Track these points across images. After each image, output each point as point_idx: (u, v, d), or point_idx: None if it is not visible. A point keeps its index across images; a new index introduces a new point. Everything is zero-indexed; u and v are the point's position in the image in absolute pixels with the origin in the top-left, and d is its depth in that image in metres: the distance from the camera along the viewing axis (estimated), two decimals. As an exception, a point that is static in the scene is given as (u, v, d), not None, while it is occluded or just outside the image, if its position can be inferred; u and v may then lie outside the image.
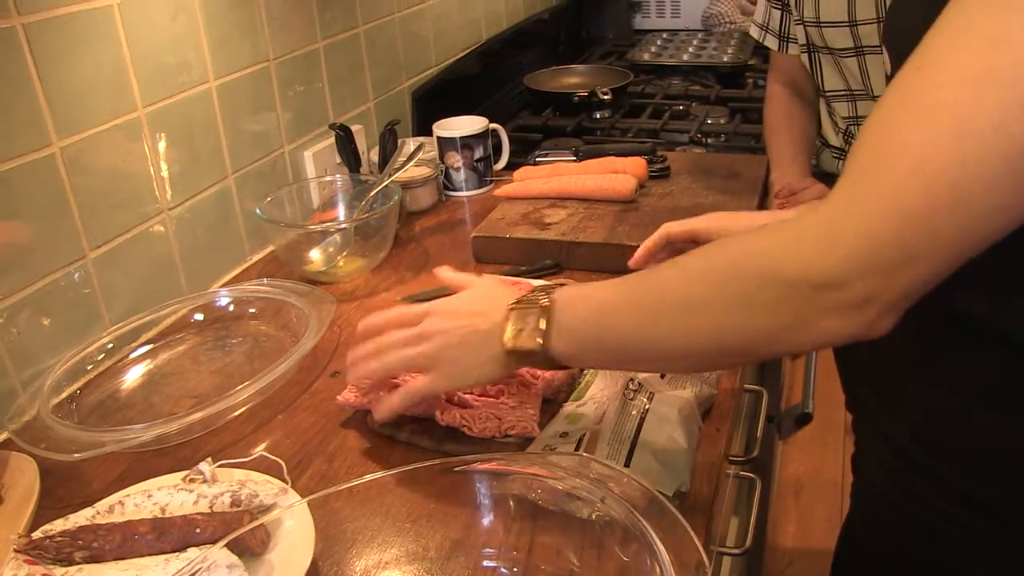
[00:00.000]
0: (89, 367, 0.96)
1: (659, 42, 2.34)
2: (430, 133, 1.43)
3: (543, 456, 0.72)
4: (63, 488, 0.80)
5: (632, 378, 0.81)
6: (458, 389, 0.79)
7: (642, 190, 1.28)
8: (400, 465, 0.67)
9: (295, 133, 1.32)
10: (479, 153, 1.41)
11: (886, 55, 0.67)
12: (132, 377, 0.98)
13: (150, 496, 0.72)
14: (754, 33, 1.46)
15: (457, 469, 0.67)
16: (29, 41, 0.87)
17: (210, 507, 0.70)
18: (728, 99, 1.86)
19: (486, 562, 0.66)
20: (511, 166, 1.48)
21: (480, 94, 1.81)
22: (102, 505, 0.71)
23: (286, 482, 0.76)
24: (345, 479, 0.75)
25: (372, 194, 1.20)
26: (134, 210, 1.04)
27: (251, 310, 1.06)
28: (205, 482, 0.74)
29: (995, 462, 0.63)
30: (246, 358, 0.99)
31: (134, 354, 1.00)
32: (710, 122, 1.72)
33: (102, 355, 0.97)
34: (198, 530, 0.67)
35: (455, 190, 1.44)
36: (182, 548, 0.66)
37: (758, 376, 1.54)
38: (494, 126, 1.45)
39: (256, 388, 0.84)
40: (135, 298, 1.04)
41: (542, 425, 0.79)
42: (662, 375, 0.84)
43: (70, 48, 0.92)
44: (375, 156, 1.35)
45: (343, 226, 1.18)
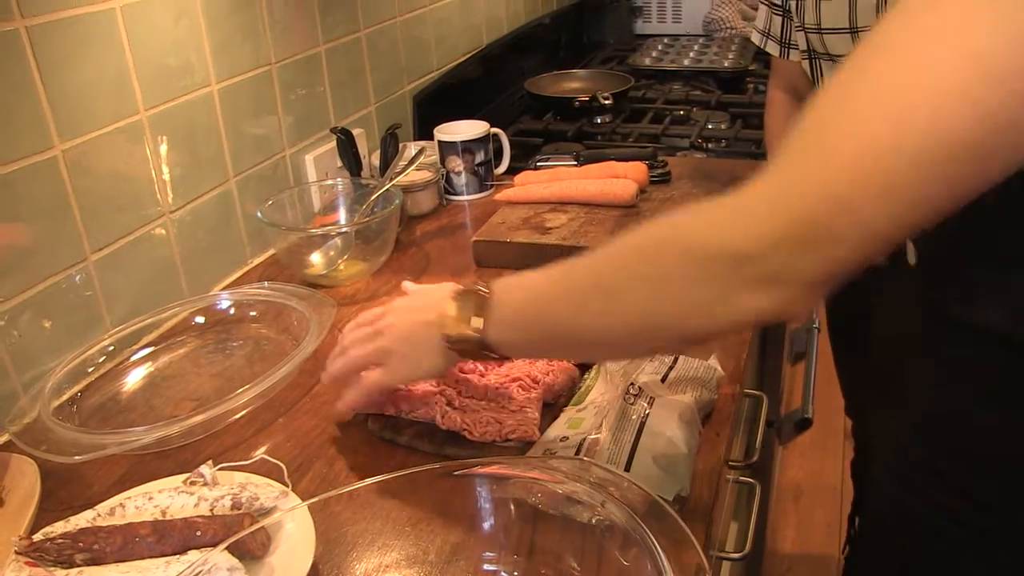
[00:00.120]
0: (90, 369, 0.96)
1: (660, 47, 2.34)
2: (431, 137, 1.43)
3: (543, 460, 0.72)
4: (64, 490, 0.80)
5: (632, 382, 0.81)
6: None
7: (643, 195, 1.28)
8: (401, 469, 0.67)
9: (296, 137, 1.33)
10: (480, 157, 1.42)
11: None
12: (133, 380, 0.98)
13: (151, 499, 0.72)
14: (755, 39, 1.46)
15: (458, 473, 0.67)
16: (32, 44, 0.87)
17: (211, 510, 0.70)
18: (729, 104, 1.87)
19: (486, 566, 0.66)
20: (512, 170, 1.48)
21: (481, 98, 1.82)
22: (103, 507, 0.72)
23: (287, 485, 0.76)
24: (346, 482, 0.76)
25: (373, 198, 1.20)
26: (135, 213, 1.04)
27: (252, 313, 1.06)
28: (206, 485, 0.74)
29: (995, 461, 0.63)
30: (247, 361, 0.99)
31: (135, 357, 1.00)
32: (711, 127, 1.72)
33: (103, 357, 0.97)
34: (199, 533, 0.67)
35: (456, 194, 1.44)
36: (183, 550, 0.66)
37: (758, 381, 1.54)
38: (495, 130, 1.45)
39: (257, 391, 0.84)
40: (136, 301, 1.04)
41: (543, 429, 0.79)
42: (663, 379, 0.84)
43: (73, 51, 0.92)
44: (376, 160, 1.35)
45: (344, 230, 1.19)
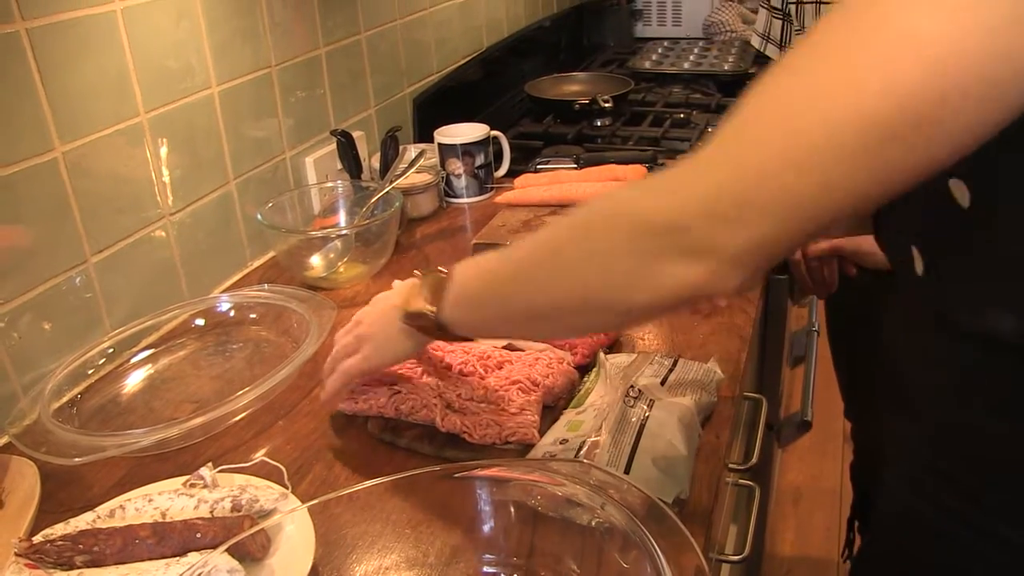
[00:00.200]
0: (90, 371, 0.96)
1: (660, 50, 2.34)
2: (431, 140, 1.43)
3: (543, 463, 0.72)
4: (64, 492, 0.80)
5: (632, 385, 0.81)
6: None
7: (642, 198, 1.28)
8: (401, 471, 0.67)
9: (296, 139, 1.33)
10: (480, 160, 1.42)
11: None
12: (133, 382, 0.98)
13: (151, 501, 0.72)
14: (755, 42, 1.47)
15: (457, 475, 0.67)
16: (32, 46, 0.88)
17: (211, 512, 0.70)
18: (729, 107, 1.86)
19: (486, 568, 0.66)
20: (512, 173, 1.48)
21: (481, 101, 1.82)
22: (103, 509, 0.72)
23: (286, 487, 0.76)
24: (345, 485, 0.76)
25: (373, 200, 1.20)
26: (136, 215, 1.04)
27: (252, 315, 1.06)
28: (206, 487, 0.74)
29: (1008, 470, 0.62)
30: (247, 363, 0.99)
31: (135, 359, 1.01)
32: (711, 130, 1.72)
33: (103, 360, 0.97)
34: (199, 535, 0.67)
35: (456, 197, 1.44)
36: (183, 552, 0.66)
37: (758, 384, 1.54)
38: (495, 133, 1.45)
39: (257, 393, 0.84)
40: (136, 303, 1.04)
41: (542, 432, 0.80)
42: (662, 382, 0.84)
43: (73, 53, 0.92)
44: (376, 162, 1.35)
45: (344, 232, 1.19)
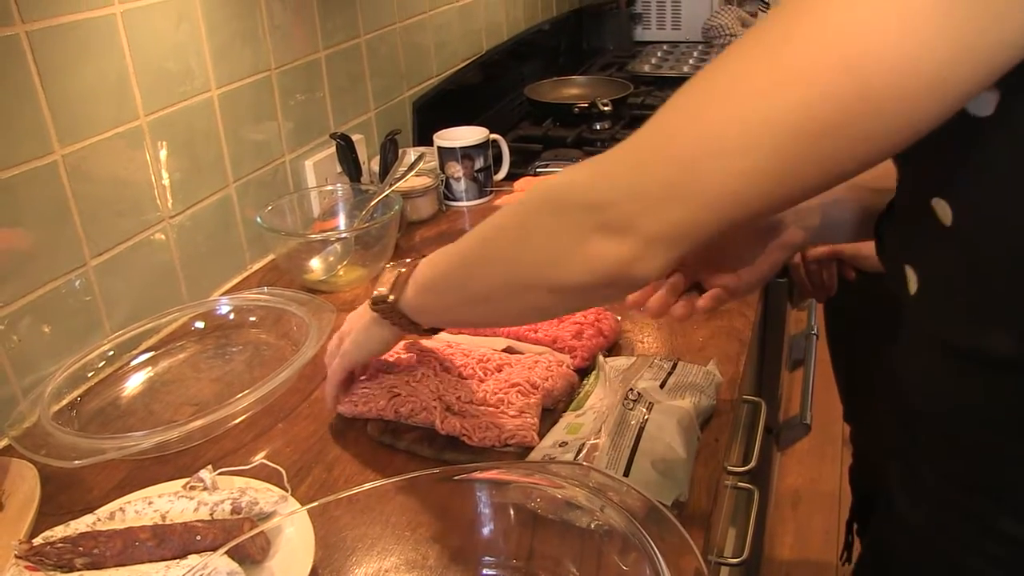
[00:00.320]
0: (90, 374, 0.96)
1: (659, 54, 2.35)
2: (431, 143, 1.44)
3: (543, 465, 0.72)
4: (64, 495, 0.80)
5: (631, 388, 0.81)
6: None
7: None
8: (400, 474, 0.67)
9: (296, 142, 1.33)
10: (480, 163, 1.42)
11: None
12: (133, 384, 0.98)
13: (151, 503, 0.72)
14: (753, 46, 1.47)
15: (457, 478, 0.67)
16: (32, 49, 0.88)
17: (210, 514, 0.70)
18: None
19: (486, 571, 0.67)
20: (511, 176, 1.48)
21: (481, 104, 1.82)
22: (103, 512, 0.72)
23: (286, 490, 0.76)
24: (345, 487, 0.76)
25: (373, 204, 1.20)
26: (135, 218, 1.04)
27: (251, 318, 1.06)
28: (206, 489, 0.74)
29: (1009, 479, 0.62)
30: (246, 366, 1.00)
31: (135, 361, 1.01)
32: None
33: (103, 362, 0.98)
34: (198, 537, 0.67)
35: (455, 200, 1.44)
36: (182, 555, 0.66)
37: (757, 387, 1.54)
38: (495, 136, 1.46)
39: (256, 396, 0.84)
40: (136, 306, 1.04)
41: (542, 434, 0.80)
42: (661, 385, 0.84)
43: (73, 56, 0.93)
44: (376, 166, 1.36)
45: (343, 235, 1.19)
